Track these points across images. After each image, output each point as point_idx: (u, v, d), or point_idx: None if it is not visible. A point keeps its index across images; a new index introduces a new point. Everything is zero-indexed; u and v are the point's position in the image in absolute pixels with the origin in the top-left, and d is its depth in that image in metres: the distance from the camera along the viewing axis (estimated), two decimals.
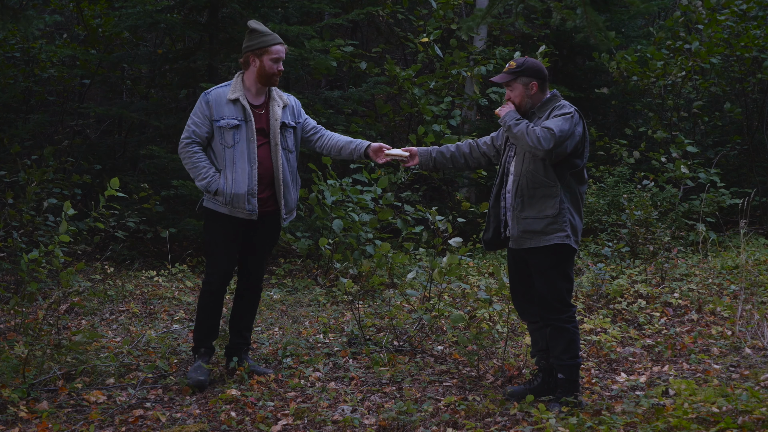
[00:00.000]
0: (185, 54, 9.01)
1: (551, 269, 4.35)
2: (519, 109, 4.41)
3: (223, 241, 4.80)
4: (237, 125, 4.71)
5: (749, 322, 5.78)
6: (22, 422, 4.14)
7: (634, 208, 7.98)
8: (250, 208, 4.72)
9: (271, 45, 4.73)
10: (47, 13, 10.54)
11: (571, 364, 4.38)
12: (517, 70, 4.39)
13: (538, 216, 4.31)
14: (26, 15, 7.46)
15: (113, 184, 5.36)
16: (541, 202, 4.32)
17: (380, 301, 6.74)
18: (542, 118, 4.36)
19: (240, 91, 4.77)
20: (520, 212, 4.35)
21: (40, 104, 10.31)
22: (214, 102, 4.75)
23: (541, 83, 4.41)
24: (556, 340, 4.39)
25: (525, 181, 4.34)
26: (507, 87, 4.46)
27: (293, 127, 4.91)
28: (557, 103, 4.40)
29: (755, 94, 10.84)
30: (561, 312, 4.37)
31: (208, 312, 4.85)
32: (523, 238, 4.36)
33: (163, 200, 8.45)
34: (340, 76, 11.51)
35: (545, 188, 4.31)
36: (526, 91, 4.39)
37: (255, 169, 4.71)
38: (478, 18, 4.79)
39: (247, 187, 4.70)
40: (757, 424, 3.80)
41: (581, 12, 4.68)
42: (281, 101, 4.87)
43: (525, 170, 4.34)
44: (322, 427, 4.18)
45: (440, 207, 9.28)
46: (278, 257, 8.56)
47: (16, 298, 5.36)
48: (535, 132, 4.21)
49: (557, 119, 4.26)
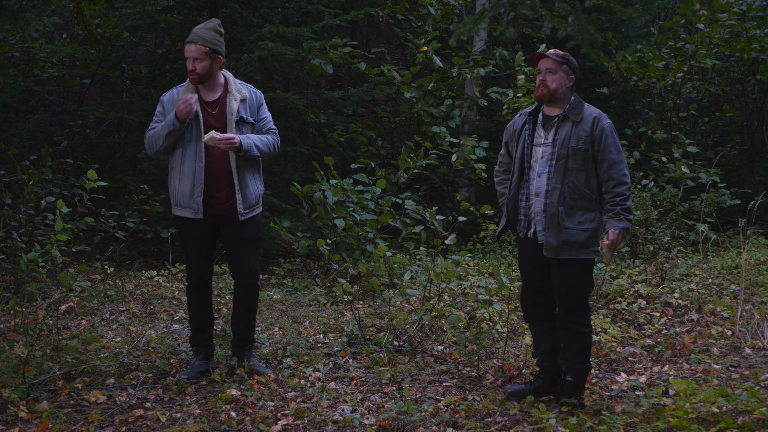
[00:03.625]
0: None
1: (581, 276, 4.33)
2: (553, 95, 4.35)
3: (189, 243, 4.89)
4: (188, 124, 4.74)
5: (749, 322, 5.78)
6: (22, 422, 4.14)
7: (634, 208, 7.99)
8: (195, 207, 4.73)
9: (185, 45, 4.77)
10: (46, 15, 10.54)
11: (581, 368, 4.35)
12: (565, 57, 4.38)
13: (579, 228, 4.28)
14: (24, 16, 7.45)
15: (90, 176, 5.35)
16: (580, 214, 4.29)
17: (380, 301, 6.74)
18: (579, 123, 4.31)
19: (191, 90, 4.79)
20: (562, 221, 4.30)
21: (39, 104, 10.31)
22: (168, 102, 4.83)
23: (576, 81, 4.43)
24: (571, 343, 4.35)
25: (567, 191, 4.29)
26: (548, 69, 4.36)
27: (251, 123, 4.85)
28: (588, 110, 4.36)
29: (755, 94, 10.85)
30: (580, 315, 4.34)
31: (191, 309, 4.97)
32: (563, 248, 4.30)
33: (163, 200, 8.45)
34: (340, 77, 11.51)
35: (585, 200, 4.30)
36: (565, 81, 4.37)
37: (201, 168, 4.71)
38: (470, 24, 4.78)
39: (191, 185, 4.71)
40: (757, 424, 3.80)
41: (573, 21, 4.67)
42: (239, 95, 4.82)
43: (567, 180, 4.29)
44: (322, 427, 4.18)
45: (440, 207, 9.28)
46: (278, 257, 8.56)
47: (16, 298, 5.36)
48: (628, 194, 4.29)
49: (614, 155, 4.27)
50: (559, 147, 4.32)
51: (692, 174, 9.17)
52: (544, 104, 4.43)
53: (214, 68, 4.76)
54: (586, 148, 4.27)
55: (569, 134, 4.30)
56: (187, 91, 4.81)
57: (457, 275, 5.72)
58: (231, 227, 4.83)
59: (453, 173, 10.11)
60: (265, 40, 7.96)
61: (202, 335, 4.95)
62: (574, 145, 4.28)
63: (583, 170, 4.28)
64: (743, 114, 10.76)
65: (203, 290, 4.95)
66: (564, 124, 4.34)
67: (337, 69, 10.54)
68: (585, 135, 4.28)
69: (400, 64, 12.79)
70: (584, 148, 4.27)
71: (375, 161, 9.50)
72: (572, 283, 4.32)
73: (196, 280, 4.92)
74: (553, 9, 4.77)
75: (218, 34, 4.78)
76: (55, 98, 10.55)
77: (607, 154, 4.26)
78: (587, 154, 4.27)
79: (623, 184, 4.25)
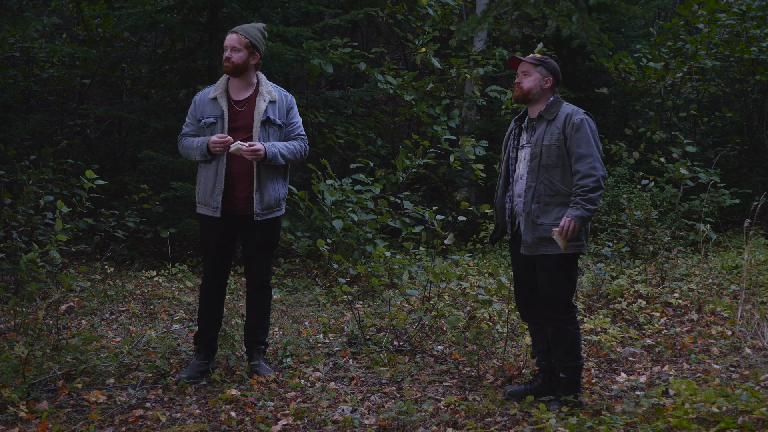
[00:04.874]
0: (185, 54, 9.01)
1: (559, 272, 4.36)
2: (526, 96, 4.46)
3: (206, 241, 4.91)
4: (213, 122, 4.77)
5: (749, 322, 5.78)
6: (22, 422, 4.14)
7: (634, 208, 7.98)
8: (214, 205, 4.75)
9: (227, 36, 4.81)
10: (46, 15, 10.54)
11: (573, 365, 4.38)
12: (541, 60, 4.48)
13: (554, 224, 4.30)
14: (24, 16, 7.45)
15: (89, 176, 5.35)
16: (557, 210, 4.32)
17: (380, 302, 6.74)
18: (552, 121, 4.38)
19: (221, 89, 4.82)
20: (536, 218, 4.35)
21: (39, 104, 10.31)
22: (199, 102, 4.88)
23: (555, 82, 4.49)
24: (558, 342, 4.39)
25: (543, 188, 4.35)
26: (523, 71, 4.48)
27: (279, 125, 4.84)
28: (563, 108, 4.42)
29: (755, 94, 10.85)
30: (564, 312, 4.37)
31: (201, 306, 4.98)
32: (538, 245, 4.35)
33: (163, 200, 8.45)
34: (340, 77, 11.51)
35: (562, 196, 4.33)
36: (540, 83, 4.44)
37: (223, 167, 4.72)
38: (473, 23, 4.79)
39: (213, 184, 4.74)
40: (757, 424, 3.80)
41: (577, 19, 4.68)
42: (269, 96, 4.82)
43: (542, 177, 4.35)
44: (322, 427, 4.18)
45: (440, 207, 9.28)
46: (278, 257, 8.56)
47: (16, 298, 5.36)
48: (593, 186, 4.25)
49: (582, 149, 4.29)
50: (533, 146, 4.41)
51: (691, 174, 9.17)
52: (528, 107, 4.53)
53: (249, 63, 4.78)
54: (559, 144, 4.33)
55: (543, 133, 4.39)
56: (219, 87, 4.82)
57: (455, 276, 5.72)
58: (250, 229, 4.84)
59: (453, 173, 10.11)
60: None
61: (207, 335, 4.95)
62: (547, 142, 4.36)
63: (558, 167, 4.33)
64: (743, 114, 10.76)
65: (216, 290, 4.95)
66: (540, 124, 4.45)
67: (337, 69, 10.54)
68: (558, 132, 4.36)
69: (400, 64, 12.78)
70: (557, 144, 4.33)
71: (375, 161, 9.50)
72: (551, 279, 4.35)
73: (210, 278, 4.92)
74: (557, 8, 4.78)
75: (261, 34, 4.84)
76: (55, 98, 10.55)
77: (575, 147, 4.30)
78: (560, 150, 4.33)
79: (589, 176, 4.26)
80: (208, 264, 4.94)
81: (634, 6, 4.59)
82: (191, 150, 4.80)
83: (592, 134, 4.34)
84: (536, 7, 4.76)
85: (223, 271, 4.95)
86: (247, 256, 4.94)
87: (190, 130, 4.89)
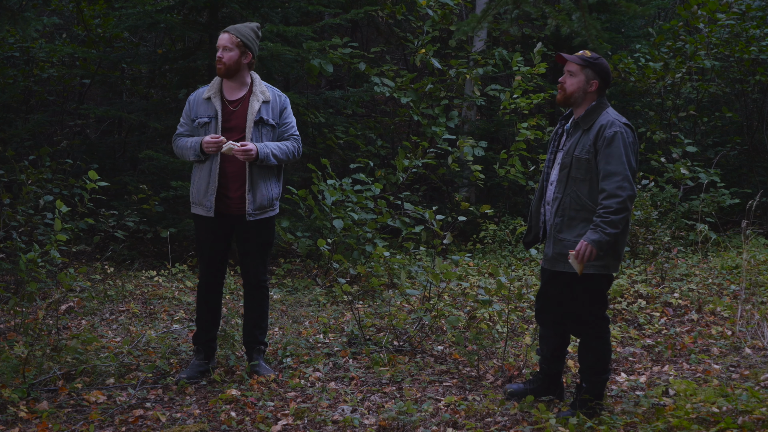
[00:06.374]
0: (185, 54, 9.01)
1: (581, 290, 4.14)
2: (568, 99, 4.19)
3: (203, 241, 4.92)
4: (207, 122, 4.79)
5: (749, 322, 5.78)
6: (22, 422, 4.14)
7: (634, 208, 7.98)
8: (208, 205, 4.76)
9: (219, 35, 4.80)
10: (46, 15, 10.53)
11: (594, 380, 4.23)
12: (590, 60, 4.17)
13: (575, 240, 4.06)
14: (24, 16, 7.44)
15: (91, 176, 5.34)
16: (582, 226, 4.07)
17: (380, 302, 6.74)
18: (587, 131, 4.11)
19: (215, 89, 4.82)
20: (558, 232, 4.14)
21: (39, 104, 10.31)
22: (193, 101, 4.88)
23: (602, 86, 4.19)
24: (582, 354, 4.27)
25: (569, 201, 4.12)
26: (569, 71, 4.18)
27: (272, 125, 4.84)
28: (601, 118, 4.11)
29: (755, 94, 10.84)
30: (588, 326, 4.21)
31: (199, 307, 5.00)
32: (557, 260, 4.15)
33: (163, 200, 8.45)
34: (340, 77, 11.50)
35: (588, 212, 4.07)
36: (584, 86, 4.17)
37: (217, 167, 4.73)
38: (473, 23, 4.77)
39: (206, 184, 4.75)
40: (757, 424, 3.80)
41: (578, 17, 4.65)
42: (262, 96, 4.82)
43: (570, 190, 4.12)
44: (322, 427, 4.18)
45: (440, 207, 9.28)
46: (278, 257, 8.55)
47: (15, 298, 5.36)
48: (617, 207, 3.95)
49: (611, 166, 3.98)
50: (564, 155, 4.18)
51: (691, 174, 9.17)
52: (572, 109, 4.26)
53: (241, 63, 4.77)
54: (590, 157, 4.06)
55: (576, 142, 4.14)
56: (213, 87, 4.82)
57: (455, 276, 5.73)
58: (243, 229, 4.85)
59: (452, 173, 10.11)
60: (264, 40, 7.96)
61: (205, 335, 4.96)
62: (578, 154, 4.10)
63: (587, 180, 4.07)
64: (743, 114, 10.75)
65: (212, 290, 4.97)
66: (575, 132, 4.19)
67: (337, 69, 10.54)
68: (589, 144, 4.07)
69: (400, 64, 12.78)
70: (587, 157, 4.07)
71: (375, 161, 9.50)
72: (572, 297, 4.19)
73: (206, 278, 4.95)
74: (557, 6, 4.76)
75: (254, 33, 4.82)
76: (55, 98, 10.54)
77: (604, 164, 4.01)
78: (590, 164, 4.06)
79: (614, 196, 3.96)
80: (203, 264, 4.96)
81: (635, 4, 4.59)
82: (185, 150, 4.81)
83: (624, 149, 4.01)
84: (536, 5, 4.73)
85: (218, 271, 4.96)
86: (243, 256, 4.95)
87: (184, 130, 4.89)
